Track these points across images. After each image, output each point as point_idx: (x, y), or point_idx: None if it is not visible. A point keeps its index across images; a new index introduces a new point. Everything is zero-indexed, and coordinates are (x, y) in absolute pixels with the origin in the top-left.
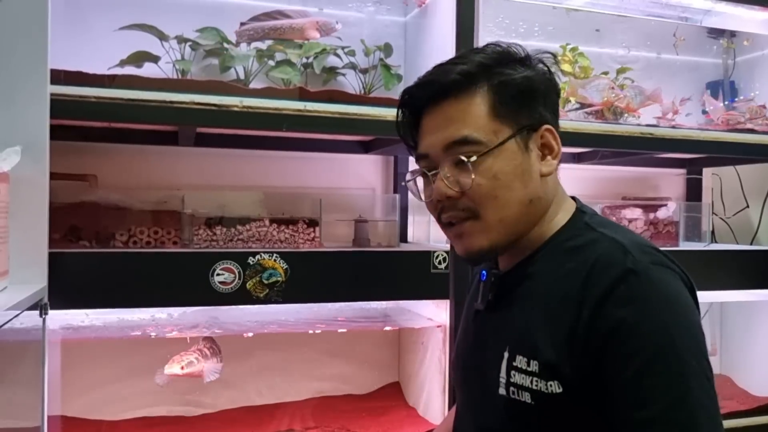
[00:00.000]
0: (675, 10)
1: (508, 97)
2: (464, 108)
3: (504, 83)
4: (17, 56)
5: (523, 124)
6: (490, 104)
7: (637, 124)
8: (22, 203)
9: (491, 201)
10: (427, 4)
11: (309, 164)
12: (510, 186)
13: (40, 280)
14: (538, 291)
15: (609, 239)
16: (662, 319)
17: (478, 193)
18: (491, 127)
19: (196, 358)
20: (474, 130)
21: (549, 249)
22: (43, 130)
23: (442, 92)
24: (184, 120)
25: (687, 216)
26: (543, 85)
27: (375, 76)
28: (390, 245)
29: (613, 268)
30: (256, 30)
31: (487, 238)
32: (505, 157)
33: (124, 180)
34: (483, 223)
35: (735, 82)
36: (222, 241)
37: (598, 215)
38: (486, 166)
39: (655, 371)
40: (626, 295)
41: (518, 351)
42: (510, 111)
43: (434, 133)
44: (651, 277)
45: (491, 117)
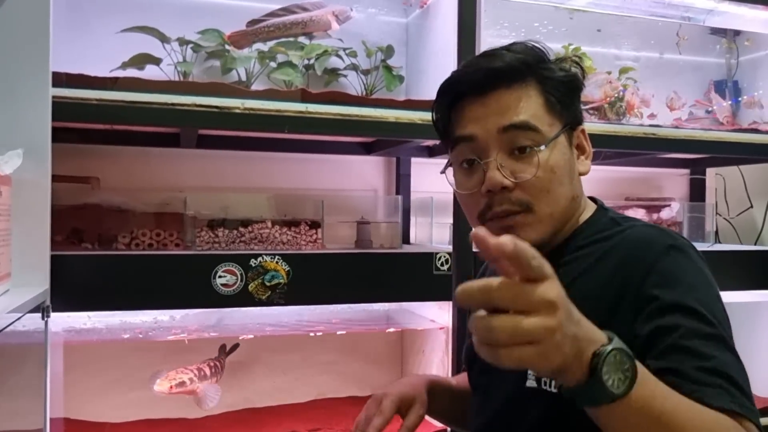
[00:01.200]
0: (678, 9)
1: (555, 93)
2: (519, 96)
3: (550, 78)
4: (19, 59)
5: (567, 121)
6: (543, 97)
7: (640, 124)
8: (24, 206)
9: (545, 194)
10: (428, 5)
11: (311, 166)
12: (562, 181)
13: (42, 282)
14: (568, 281)
15: (642, 224)
16: (704, 293)
17: (536, 185)
18: (546, 119)
19: (191, 378)
20: (533, 117)
21: (576, 243)
22: (45, 132)
23: (493, 79)
24: (186, 122)
25: (690, 216)
26: (580, 85)
27: (377, 77)
28: (392, 247)
29: (656, 244)
30: (277, 26)
31: (537, 232)
32: (559, 151)
33: (127, 182)
34: (536, 217)
35: (738, 81)
36: (224, 243)
37: (620, 213)
38: (545, 158)
39: (694, 316)
40: (671, 267)
41: None
42: (559, 107)
43: (486, 118)
44: (691, 255)
45: (545, 109)
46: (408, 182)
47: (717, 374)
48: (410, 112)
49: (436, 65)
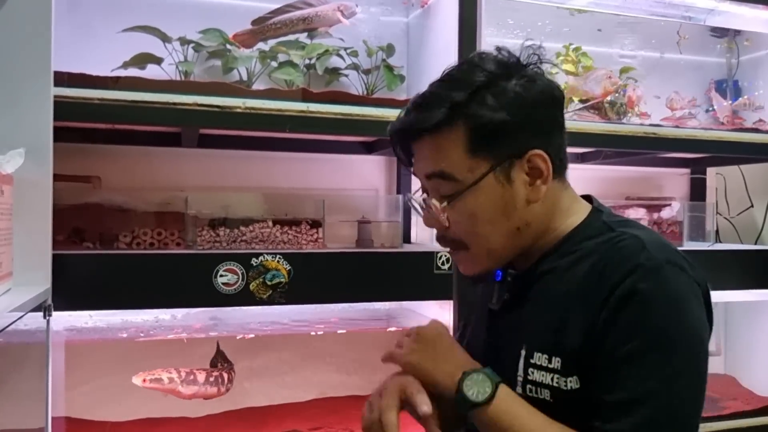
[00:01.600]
0: (678, 9)
1: (484, 135)
2: (440, 144)
3: (477, 123)
4: (21, 58)
5: (502, 157)
6: (465, 142)
7: (641, 123)
8: (25, 205)
9: (473, 237)
10: (429, 4)
11: (312, 165)
12: (491, 220)
13: (43, 281)
14: (558, 289)
15: (630, 236)
16: (662, 318)
17: (459, 229)
18: (467, 164)
19: (170, 378)
20: (449, 166)
21: (565, 249)
22: (47, 132)
23: (417, 134)
24: (188, 121)
25: (691, 216)
26: (525, 111)
27: (378, 76)
28: (393, 246)
29: (627, 262)
30: (284, 22)
31: (479, 266)
32: (482, 194)
33: (128, 181)
34: (471, 254)
35: (739, 81)
36: (225, 243)
37: (616, 214)
38: (462, 205)
39: (645, 363)
40: (630, 289)
41: (537, 348)
42: (487, 147)
43: (418, 162)
44: (660, 275)
45: (467, 154)
46: (409, 182)
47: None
48: None
49: (437, 65)
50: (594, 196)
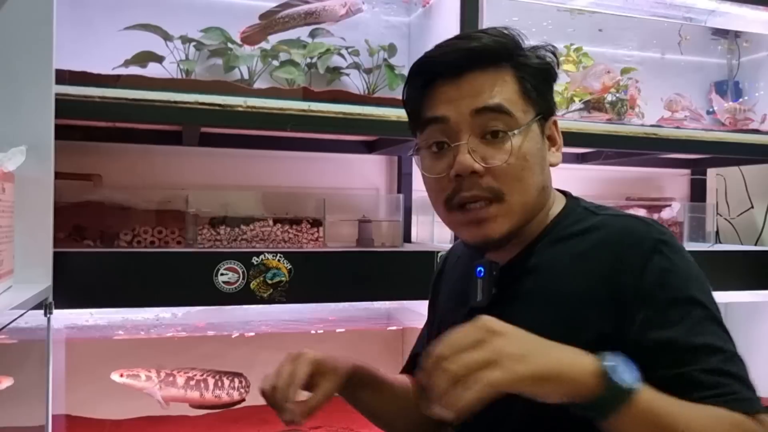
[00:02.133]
0: (679, 10)
1: (530, 80)
2: (494, 79)
3: (526, 65)
4: (23, 56)
5: (541, 110)
6: (518, 83)
7: (641, 124)
8: (27, 203)
9: (516, 183)
10: (431, 4)
11: (313, 164)
12: (533, 169)
13: (44, 279)
14: (552, 281)
15: (622, 217)
16: (696, 287)
17: (507, 172)
18: (520, 105)
19: (148, 376)
20: (507, 101)
21: (553, 237)
22: (48, 129)
23: (467, 61)
24: (189, 120)
25: (691, 216)
26: (552, 69)
27: (379, 76)
28: (394, 245)
29: (645, 240)
30: (292, 16)
31: (508, 223)
32: (532, 139)
33: (129, 179)
34: (506, 207)
35: (740, 82)
36: (226, 241)
37: (590, 202)
38: (515, 143)
39: (703, 331)
40: (663, 264)
41: None
42: (534, 92)
43: (459, 100)
44: (675, 246)
45: (520, 95)
46: (410, 181)
47: (722, 374)
48: None
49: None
50: (565, 190)
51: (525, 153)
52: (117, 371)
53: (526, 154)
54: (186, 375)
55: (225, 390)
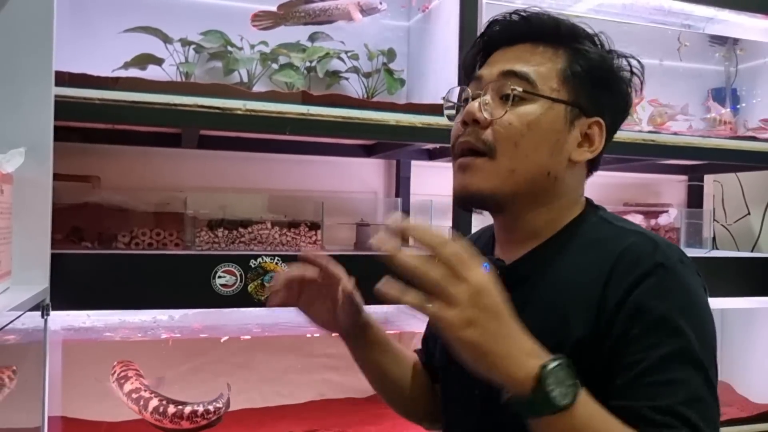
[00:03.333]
0: (678, 17)
1: (580, 69)
2: (539, 53)
3: (583, 54)
4: (22, 58)
5: (578, 102)
6: (563, 65)
7: (639, 130)
8: (25, 204)
9: (511, 146)
10: (430, 9)
11: (311, 167)
12: (537, 143)
13: (42, 281)
14: (557, 286)
15: (635, 233)
16: (686, 320)
17: (505, 131)
18: (552, 83)
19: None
20: (536, 73)
21: (562, 242)
22: (47, 131)
23: (529, 31)
24: (188, 122)
25: (688, 222)
26: (617, 80)
27: (378, 80)
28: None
29: (644, 260)
30: (307, 12)
31: (491, 182)
32: (547, 114)
33: (127, 181)
34: (493, 165)
35: (737, 89)
36: (224, 244)
37: (611, 212)
38: (525, 109)
39: (671, 367)
40: (655, 287)
41: None
42: (576, 82)
43: (498, 63)
44: (678, 274)
45: (557, 75)
46: (408, 185)
47: (674, 415)
48: (411, 116)
49: (438, 69)
50: (590, 199)
51: (531, 122)
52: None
53: (531, 123)
54: (136, 384)
55: (168, 417)
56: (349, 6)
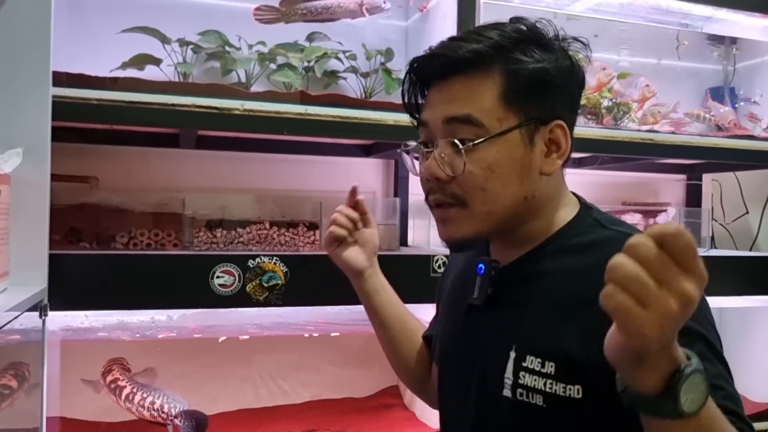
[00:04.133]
0: (676, 16)
1: (520, 85)
2: (473, 87)
3: (518, 70)
4: (20, 58)
5: (532, 116)
6: (501, 89)
7: (637, 129)
8: (23, 205)
9: (479, 192)
10: (428, 9)
11: (310, 167)
12: (505, 180)
13: (40, 281)
14: (552, 289)
15: (628, 236)
16: (699, 320)
17: (469, 181)
18: (497, 113)
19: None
20: (478, 111)
21: (557, 245)
22: (45, 131)
23: (450, 68)
24: (186, 123)
25: (687, 222)
26: (562, 76)
27: (376, 80)
28: (390, 249)
29: None
30: (309, 9)
31: (472, 228)
32: (504, 148)
33: (125, 182)
34: (468, 212)
35: (735, 88)
36: (222, 244)
37: (604, 212)
38: (482, 155)
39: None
40: None
41: (529, 351)
42: (521, 99)
43: (437, 105)
44: None
45: (499, 102)
46: (406, 185)
47: (728, 412)
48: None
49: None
50: (580, 195)
51: (491, 163)
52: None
53: (492, 165)
54: (116, 376)
55: (134, 405)
56: (352, 5)
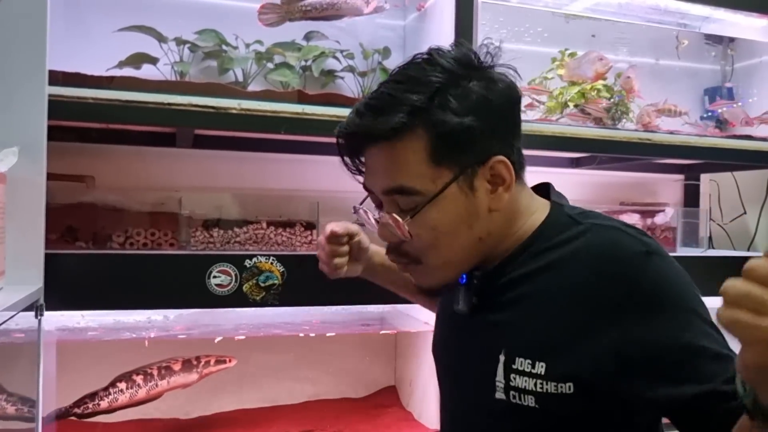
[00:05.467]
0: (674, 16)
1: (445, 143)
2: (398, 154)
3: (444, 130)
4: (16, 57)
5: (465, 164)
6: (427, 150)
7: (635, 129)
8: (19, 204)
9: (431, 250)
10: (426, 8)
11: (307, 167)
12: (453, 232)
13: (36, 281)
14: (534, 290)
15: (606, 227)
16: (688, 297)
17: (417, 245)
18: (429, 174)
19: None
20: (409, 179)
21: (534, 249)
22: (41, 130)
23: (373, 141)
24: (182, 122)
25: (684, 222)
26: (486, 108)
27: (374, 79)
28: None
29: (626, 256)
30: (314, 6)
31: (434, 279)
32: (445, 205)
33: (122, 181)
34: (426, 268)
35: (733, 88)
36: (219, 244)
37: (577, 207)
38: (424, 219)
39: (697, 352)
40: (652, 277)
41: (518, 353)
42: (451, 154)
43: (373, 174)
44: (664, 257)
45: (428, 163)
46: None
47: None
48: None
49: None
50: (551, 184)
51: (435, 224)
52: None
53: (437, 225)
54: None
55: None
56: (358, 2)
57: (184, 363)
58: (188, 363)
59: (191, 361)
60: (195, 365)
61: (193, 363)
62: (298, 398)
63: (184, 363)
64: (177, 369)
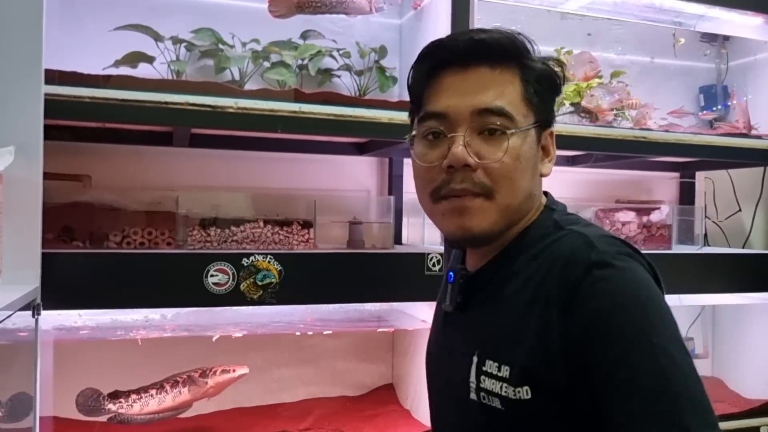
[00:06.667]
0: (669, 14)
1: (534, 85)
2: (500, 80)
3: (532, 70)
4: (12, 56)
5: (540, 118)
6: (522, 87)
7: (630, 127)
8: (15, 203)
9: (507, 182)
10: (422, 6)
11: (304, 166)
12: (525, 173)
13: (33, 280)
14: (506, 293)
15: (575, 234)
16: (632, 310)
17: (499, 170)
18: (521, 109)
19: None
20: (509, 104)
21: (517, 249)
22: (37, 130)
23: (479, 52)
24: (179, 121)
25: (680, 219)
26: (557, 78)
27: (370, 78)
28: (384, 247)
29: (578, 263)
30: (323, 2)
31: (491, 221)
32: (526, 143)
33: (118, 180)
34: (493, 204)
35: (728, 86)
36: (216, 242)
37: (569, 213)
38: (514, 145)
39: (631, 364)
40: (594, 288)
41: (488, 355)
42: (534, 100)
43: (462, 95)
44: (617, 267)
45: (522, 99)
46: (400, 183)
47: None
48: (403, 113)
49: None
50: (550, 193)
51: (520, 154)
52: None
53: (520, 156)
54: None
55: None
56: (363, 1)
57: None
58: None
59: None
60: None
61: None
62: (296, 396)
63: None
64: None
